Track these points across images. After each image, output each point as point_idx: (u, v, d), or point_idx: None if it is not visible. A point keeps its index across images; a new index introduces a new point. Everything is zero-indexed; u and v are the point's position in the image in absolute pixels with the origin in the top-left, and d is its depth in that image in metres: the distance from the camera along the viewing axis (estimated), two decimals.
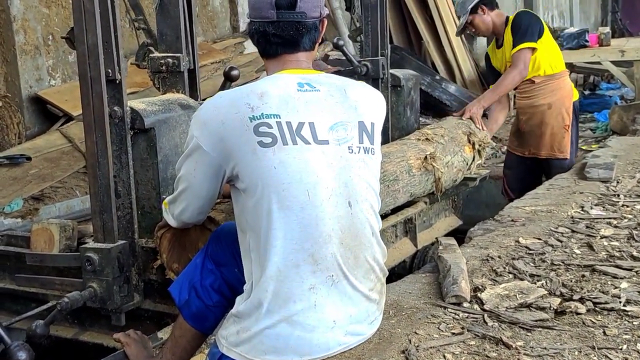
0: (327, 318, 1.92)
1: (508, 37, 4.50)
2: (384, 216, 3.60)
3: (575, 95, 4.71)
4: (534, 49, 4.41)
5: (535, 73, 4.51)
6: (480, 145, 4.26)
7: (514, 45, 4.41)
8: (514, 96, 4.79)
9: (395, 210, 3.69)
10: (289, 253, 1.88)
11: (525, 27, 4.40)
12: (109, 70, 2.50)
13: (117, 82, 2.53)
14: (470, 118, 4.25)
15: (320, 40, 2.11)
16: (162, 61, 2.86)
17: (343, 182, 1.94)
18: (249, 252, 1.95)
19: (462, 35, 8.43)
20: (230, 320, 1.98)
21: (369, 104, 2.08)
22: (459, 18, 4.78)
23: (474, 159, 4.22)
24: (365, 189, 1.99)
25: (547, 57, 4.53)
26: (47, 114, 5.72)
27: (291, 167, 1.88)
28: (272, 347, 1.90)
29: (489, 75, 4.99)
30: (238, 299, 1.98)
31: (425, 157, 3.66)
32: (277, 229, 1.87)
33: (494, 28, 4.60)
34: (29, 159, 5.03)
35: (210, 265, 2.16)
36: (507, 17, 4.58)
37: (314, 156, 1.90)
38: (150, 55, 2.92)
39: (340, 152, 1.95)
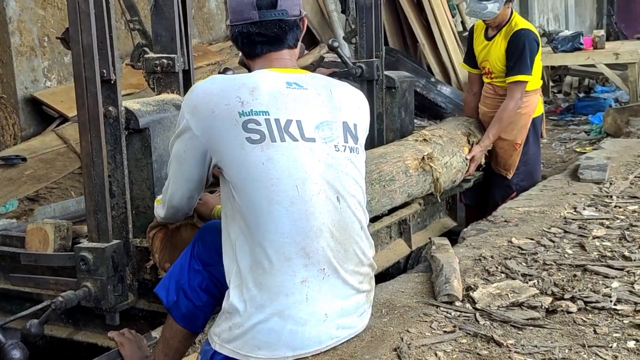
0: (319, 311, 1.94)
1: (502, 38, 4.36)
2: (379, 217, 3.62)
3: (539, 111, 4.59)
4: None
5: (503, 83, 4.37)
6: None
7: (511, 70, 4.26)
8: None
9: (390, 211, 3.71)
10: (280, 247, 1.90)
11: (526, 55, 4.23)
12: (104, 71, 2.52)
13: (112, 82, 2.54)
14: (472, 159, 4.22)
15: (301, 38, 2.15)
16: (157, 62, 2.87)
17: (331, 178, 1.97)
18: (233, 241, 1.96)
19: (458, 38, 8.47)
20: (222, 317, 1.99)
21: (352, 105, 2.12)
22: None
23: None
24: (352, 185, 2.03)
25: None
26: (42, 115, 5.72)
27: (279, 163, 1.90)
28: (264, 342, 1.91)
29: (467, 54, 4.75)
30: (227, 293, 1.99)
31: (423, 158, 3.68)
32: (268, 223, 1.90)
33: (501, 21, 4.39)
34: (24, 159, 5.03)
35: (197, 265, 2.18)
36: (511, 12, 4.38)
37: (302, 153, 1.94)
38: (145, 56, 2.93)
39: (327, 150, 1.98)
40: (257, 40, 2.05)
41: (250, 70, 2.14)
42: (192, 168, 2.04)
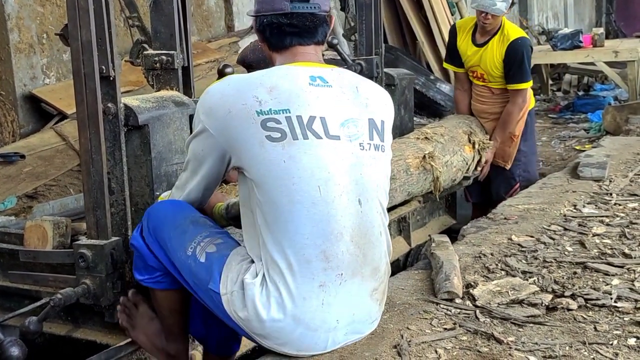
0: (331, 318, 1.91)
1: (496, 46, 4.33)
2: None
3: (532, 103, 4.66)
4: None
5: (499, 85, 4.44)
6: (480, 145, 4.28)
7: (512, 79, 4.31)
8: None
9: (389, 209, 3.69)
10: (300, 248, 1.87)
11: (525, 64, 4.31)
12: (103, 67, 2.50)
13: (111, 78, 2.52)
14: (485, 163, 4.33)
15: (328, 35, 2.10)
16: (156, 58, 2.85)
17: (354, 179, 1.93)
18: (257, 234, 1.92)
19: None
20: (238, 290, 1.92)
21: (379, 101, 2.07)
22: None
23: (473, 159, 4.24)
24: (375, 187, 1.99)
25: None
26: (41, 113, 5.71)
27: (302, 162, 1.86)
28: (272, 335, 1.91)
29: (450, 55, 4.71)
30: (247, 276, 1.92)
31: (424, 156, 3.67)
32: (288, 222, 1.86)
33: (496, 27, 4.38)
34: (23, 157, 5.02)
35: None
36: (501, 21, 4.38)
37: (326, 151, 1.89)
38: (144, 52, 2.92)
39: (352, 149, 1.94)
40: (287, 31, 2.00)
41: (261, 67, 2.10)
42: (211, 167, 2.02)
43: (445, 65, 4.94)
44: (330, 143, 1.90)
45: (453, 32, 4.64)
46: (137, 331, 2.41)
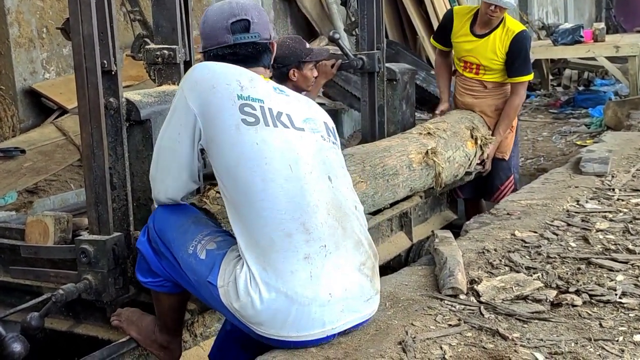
0: (323, 291, 1.94)
1: (498, 39, 4.29)
2: (380, 210, 3.60)
3: None
4: None
5: (494, 79, 4.44)
6: (482, 141, 4.27)
7: (516, 71, 4.32)
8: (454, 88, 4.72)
9: (391, 204, 3.69)
10: (279, 223, 1.93)
11: (528, 56, 4.37)
12: (105, 61, 2.48)
13: (113, 73, 2.51)
14: (487, 158, 4.40)
15: (272, 61, 2.29)
16: (158, 53, 2.83)
17: (321, 160, 2.06)
18: (236, 215, 1.99)
19: None
20: (232, 281, 1.97)
21: (327, 116, 2.25)
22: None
23: (475, 155, 4.23)
24: (341, 167, 2.14)
25: None
26: (41, 107, 5.69)
27: (273, 145, 1.99)
28: (268, 320, 1.93)
29: (441, 35, 4.61)
30: (238, 267, 1.97)
31: (427, 152, 3.66)
32: (263, 201, 1.94)
33: (497, 21, 4.34)
34: (23, 152, 5.01)
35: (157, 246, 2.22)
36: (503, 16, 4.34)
37: (293, 138, 2.04)
38: (146, 46, 2.90)
39: (315, 138, 2.11)
40: (231, 60, 2.16)
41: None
42: (188, 154, 2.08)
43: (432, 41, 4.85)
44: (297, 132, 2.06)
45: (449, 16, 4.57)
46: (129, 326, 2.50)
